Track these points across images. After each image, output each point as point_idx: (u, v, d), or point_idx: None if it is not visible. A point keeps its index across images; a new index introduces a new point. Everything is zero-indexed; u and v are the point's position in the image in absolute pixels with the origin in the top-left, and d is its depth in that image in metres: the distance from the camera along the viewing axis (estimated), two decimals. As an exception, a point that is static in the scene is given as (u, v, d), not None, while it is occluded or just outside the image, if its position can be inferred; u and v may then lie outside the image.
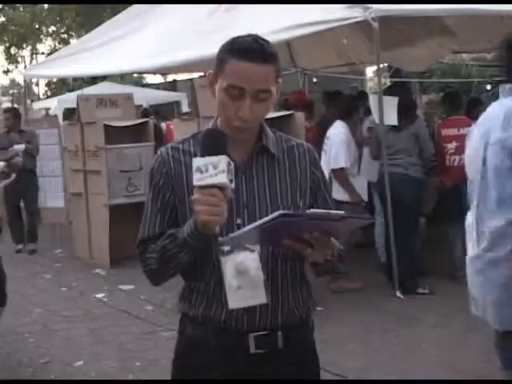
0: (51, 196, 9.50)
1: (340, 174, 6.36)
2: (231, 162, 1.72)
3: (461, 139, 6.50)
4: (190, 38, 7.37)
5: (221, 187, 1.70)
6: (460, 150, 6.49)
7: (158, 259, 1.90)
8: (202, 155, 1.73)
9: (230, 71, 1.81)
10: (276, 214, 1.67)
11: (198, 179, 1.70)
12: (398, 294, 6.09)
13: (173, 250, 1.86)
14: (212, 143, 1.74)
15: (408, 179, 6.29)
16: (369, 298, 6.14)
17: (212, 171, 1.68)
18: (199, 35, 7.16)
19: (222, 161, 1.69)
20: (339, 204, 6.11)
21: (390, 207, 6.14)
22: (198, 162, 1.72)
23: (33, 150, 8.68)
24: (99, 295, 6.76)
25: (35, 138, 8.79)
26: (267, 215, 1.86)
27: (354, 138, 6.68)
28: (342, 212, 1.75)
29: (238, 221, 1.88)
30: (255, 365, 1.92)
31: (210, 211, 1.70)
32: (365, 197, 6.55)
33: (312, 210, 1.78)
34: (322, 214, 1.75)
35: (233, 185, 1.72)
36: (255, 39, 1.83)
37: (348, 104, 6.86)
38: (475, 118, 7.12)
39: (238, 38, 1.85)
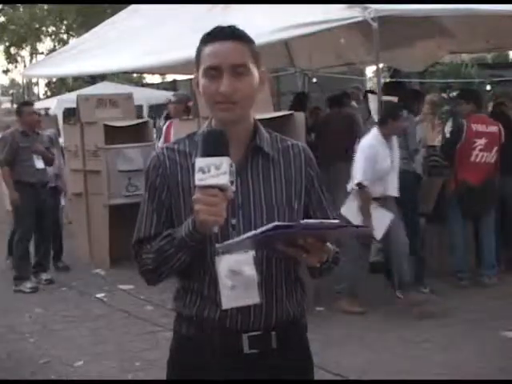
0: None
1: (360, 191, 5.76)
2: (233, 164, 1.73)
3: (489, 136, 6.50)
4: (187, 37, 7.36)
5: (221, 188, 1.71)
6: (488, 147, 6.47)
7: (155, 260, 1.90)
8: (204, 155, 1.73)
9: (205, 56, 1.86)
10: (270, 225, 1.68)
11: (199, 179, 1.71)
12: (398, 294, 6.09)
13: (170, 250, 1.86)
14: (214, 143, 1.75)
15: (400, 173, 6.21)
16: (369, 298, 6.14)
17: (214, 172, 1.69)
18: (197, 34, 7.16)
19: (224, 162, 1.70)
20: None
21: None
22: (200, 162, 1.72)
23: (52, 161, 7.46)
24: (99, 295, 6.77)
25: (47, 143, 7.56)
26: (262, 215, 1.88)
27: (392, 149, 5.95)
28: (336, 221, 1.76)
29: (233, 221, 1.87)
30: (249, 365, 1.91)
31: (209, 211, 1.70)
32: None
33: (306, 221, 1.78)
34: (316, 224, 1.76)
35: (233, 187, 1.73)
36: (226, 26, 1.89)
37: (388, 109, 6.14)
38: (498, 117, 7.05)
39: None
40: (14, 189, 7.13)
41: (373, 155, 5.75)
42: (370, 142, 5.86)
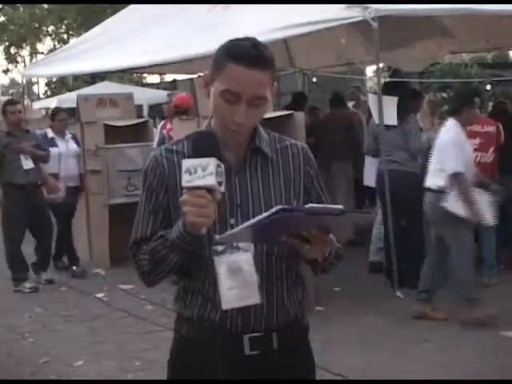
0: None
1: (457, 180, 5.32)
2: (221, 165, 1.72)
3: (484, 136, 6.48)
4: (187, 37, 7.37)
5: (209, 189, 1.71)
6: (483, 147, 6.44)
7: (150, 260, 1.90)
8: (193, 157, 1.74)
9: (228, 76, 1.81)
10: (275, 209, 1.66)
11: (186, 181, 1.71)
12: (398, 294, 6.09)
13: (163, 251, 1.86)
14: (202, 145, 1.75)
15: (404, 175, 6.22)
16: (369, 298, 6.14)
17: (200, 173, 1.70)
18: (197, 33, 7.18)
19: (210, 163, 1.70)
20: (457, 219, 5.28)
21: (389, 205, 6.12)
22: (187, 163, 1.72)
23: (45, 157, 7.18)
24: (99, 295, 6.77)
25: (40, 140, 7.33)
26: (261, 215, 1.86)
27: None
28: (340, 206, 1.74)
29: (232, 221, 1.88)
30: (250, 366, 1.91)
31: (197, 212, 1.71)
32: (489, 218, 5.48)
33: (310, 205, 1.76)
34: (320, 209, 1.74)
35: (222, 187, 1.73)
36: (254, 45, 1.82)
37: (462, 97, 5.83)
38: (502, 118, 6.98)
39: (236, 41, 1.84)
40: (2, 190, 7.02)
41: (460, 142, 5.46)
42: (453, 130, 5.53)
